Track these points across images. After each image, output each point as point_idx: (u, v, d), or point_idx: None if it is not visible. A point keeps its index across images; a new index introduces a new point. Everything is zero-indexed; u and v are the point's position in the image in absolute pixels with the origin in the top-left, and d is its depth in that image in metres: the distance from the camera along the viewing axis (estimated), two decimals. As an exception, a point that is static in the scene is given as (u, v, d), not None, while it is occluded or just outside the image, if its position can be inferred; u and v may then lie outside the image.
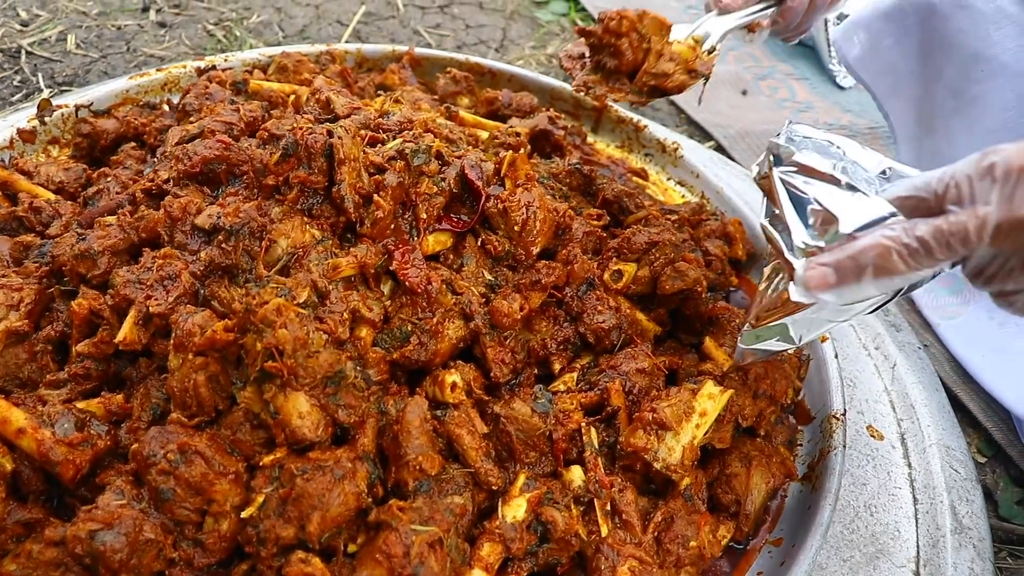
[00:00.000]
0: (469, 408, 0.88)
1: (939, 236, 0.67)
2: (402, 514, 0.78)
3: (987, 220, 0.65)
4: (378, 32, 1.87)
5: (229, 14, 1.85)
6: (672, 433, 0.88)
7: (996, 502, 1.19)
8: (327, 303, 0.89)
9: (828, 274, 0.71)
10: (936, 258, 0.68)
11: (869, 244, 0.69)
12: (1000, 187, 0.65)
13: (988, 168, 0.66)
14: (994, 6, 1.26)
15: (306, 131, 0.95)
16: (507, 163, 1.00)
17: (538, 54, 1.87)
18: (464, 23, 1.96)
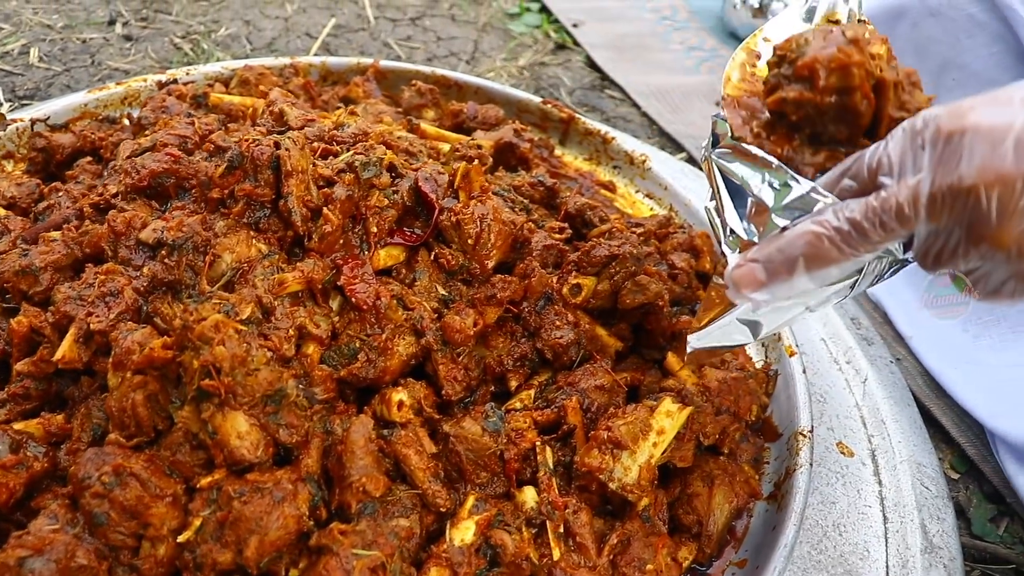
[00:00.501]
0: (417, 427, 0.86)
1: (871, 215, 0.62)
2: (343, 538, 0.76)
3: (919, 190, 0.60)
4: (348, 45, 1.85)
5: (197, 27, 1.83)
6: (628, 452, 0.85)
7: (969, 519, 1.16)
8: (272, 319, 0.87)
9: (757, 271, 0.67)
10: (872, 240, 0.63)
11: (798, 234, 0.65)
12: (930, 153, 0.59)
13: (918, 134, 0.60)
14: (965, 14, 1.24)
15: (252, 143, 0.93)
16: (460, 175, 0.97)
17: (509, 66, 1.85)
18: (435, 35, 1.94)
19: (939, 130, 0.59)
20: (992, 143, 0.57)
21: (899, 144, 0.61)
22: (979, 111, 0.58)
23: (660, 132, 1.73)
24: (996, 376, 1.24)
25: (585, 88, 1.85)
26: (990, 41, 1.22)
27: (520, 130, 1.35)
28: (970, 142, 0.57)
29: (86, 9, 1.84)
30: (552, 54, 1.96)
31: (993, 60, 1.22)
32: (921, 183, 0.60)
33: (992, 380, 1.24)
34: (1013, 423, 1.16)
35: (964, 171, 0.58)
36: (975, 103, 0.59)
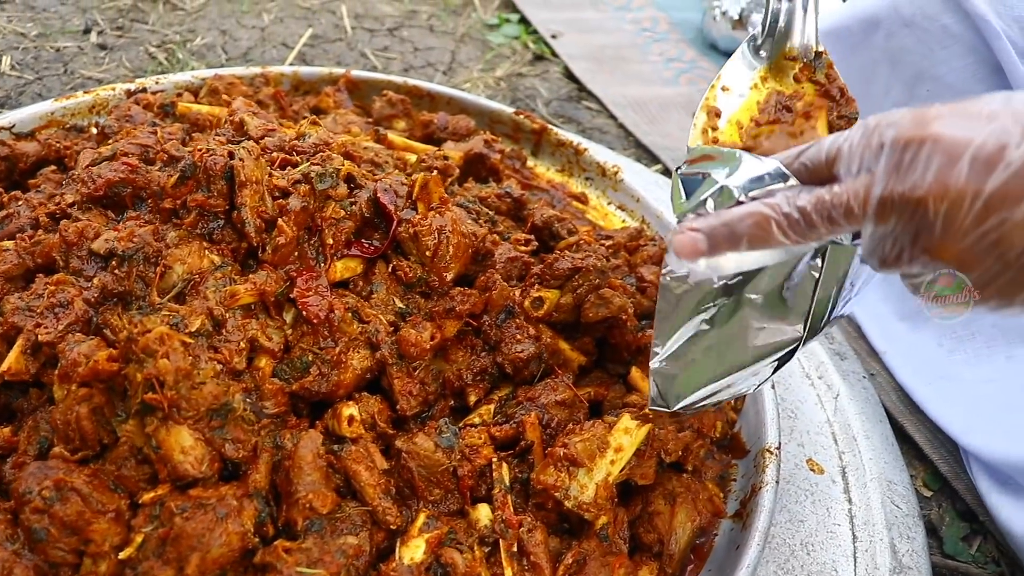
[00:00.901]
0: (369, 443, 0.84)
1: (821, 207, 0.62)
2: (288, 556, 0.74)
3: (870, 192, 0.59)
4: (324, 55, 1.83)
5: (173, 36, 1.82)
6: (584, 470, 0.84)
7: (941, 538, 1.14)
8: (223, 332, 0.85)
9: (699, 240, 0.66)
10: (819, 231, 0.63)
11: (746, 212, 0.64)
12: (887, 155, 0.58)
13: (878, 133, 0.59)
14: (939, 24, 1.23)
15: (206, 153, 0.91)
16: (419, 186, 0.96)
17: (486, 77, 1.84)
18: (413, 46, 1.93)
19: (900, 135, 0.58)
20: (950, 157, 0.55)
21: (859, 139, 0.61)
22: (943, 121, 0.56)
23: (636, 143, 1.71)
24: (970, 392, 1.23)
25: (562, 99, 1.84)
26: (964, 53, 1.21)
27: (491, 141, 1.34)
28: (928, 153, 0.56)
29: (62, 18, 1.83)
30: (530, 65, 1.95)
31: (967, 72, 1.21)
32: (873, 185, 0.59)
33: (966, 396, 1.22)
34: (986, 440, 1.15)
35: (917, 181, 0.57)
36: (942, 112, 0.57)
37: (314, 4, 2.01)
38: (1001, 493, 1.11)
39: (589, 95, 1.87)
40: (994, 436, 1.14)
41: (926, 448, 1.22)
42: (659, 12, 2.30)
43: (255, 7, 1.95)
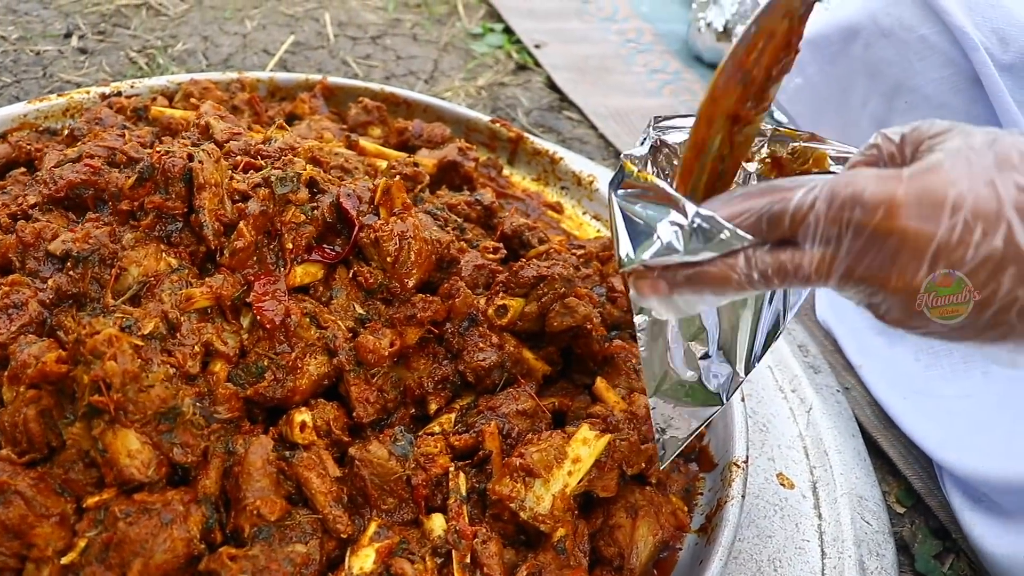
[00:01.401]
0: (321, 450, 0.82)
1: (781, 272, 0.61)
2: (232, 563, 0.72)
3: (832, 267, 0.59)
4: (306, 62, 1.82)
5: (154, 41, 1.81)
6: (541, 481, 0.82)
7: (913, 556, 1.13)
8: (178, 335, 0.84)
9: (662, 286, 0.66)
10: (775, 287, 0.63)
11: (707, 272, 0.64)
12: (852, 239, 0.58)
13: (846, 213, 0.57)
14: (916, 35, 1.22)
15: (164, 154, 0.90)
16: (381, 191, 0.95)
17: (468, 86, 1.83)
18: (395, 54, 1.92)
19: (867, 220, 0.57)
20: (913, 254, 0.56)
21: (825, 213, 0.58)
22: (910, 211, 0.55)
23: (616, 154, 1.70)
24: (945, 407, 1.21)
25: (543, 109, 1.83)
26: (942, 64, 1.20)
27: (465, 149, 1.33)
28: (894, 248, 0.56)
29: (43, 22, 1.82)
30: (512, 75, 1.94)
31: (945, 84, 1.20)
32: (836, 261, 0.59)
33: (941, 411, 1.21)
34: (961, 455, 1.13)
35: (879, 271, 0.57)
36: (909, 196, 0.56)
37: (298, 11, 2.01)
38: (974, 510, 1.10)
39: (571, 105, 1.86)
40: (968, 452, 1.13)
41: (900, 464, 1.21)
42: (645, 23, 2.30)
43: (238, 14, 1.94)
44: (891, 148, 0.63)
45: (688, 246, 0.63)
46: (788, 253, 0.61)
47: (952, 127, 0.60)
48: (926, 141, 0.60)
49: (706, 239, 0.62)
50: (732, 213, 0.62)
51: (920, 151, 0.60)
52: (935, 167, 0.56)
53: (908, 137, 0.62)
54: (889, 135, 0.63)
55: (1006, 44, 1.16)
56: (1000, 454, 1.09)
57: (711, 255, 0.63)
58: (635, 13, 2.36)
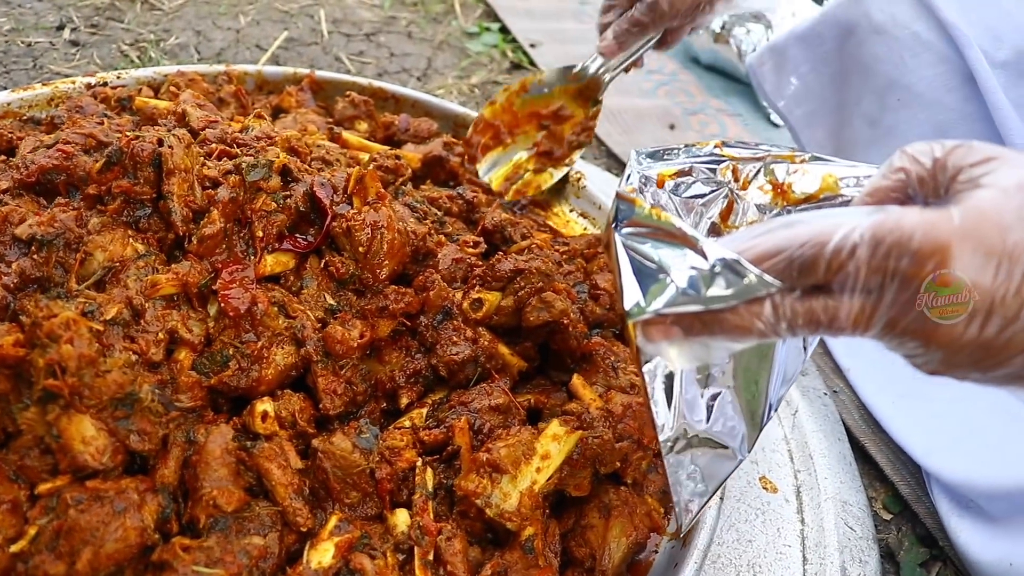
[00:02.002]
0: (284, 441, 0.80)
1: (811, 322, 0.55)
2: (185, 554, 0.70)
3: (873, 319, 0.54)
4: (298, 58, 1.81)
5: (147, 35, 1.80)
6: (508, 477, 0.80)
7: (899, 563, 1.10)
8: (142, 322, 0.82)
9: (675, 332, 0.58)
10: (802, 335, 0.58)
11: (731, 320, 0.57)
12: (899, 290, 0.53)
13: (892, 261, 0.53)
14: (909, 32, 1.20)
15: (133, 139, 0.88)
16: (354, 180, 0.93)
17: (461, 84, 1.81)
18: (389, 51, 1.90)
19: (916, 273, 0.52)
20: (971, 313, 0.52)
21: (867, 260, 0.53)
22: (961, 262, 0.51)
23: (608, 153, 1.68)
24: (936, 412, 1.19)
25: (535, 108, 1.81)
26: (935, 61, 1.18)
27: (450, 143, 1.31)
28: None
29: (36, 13, 1.81)
30: (506, 73, 1.92)
31: (937, 81, 1.18)
32: (878, 311, 0.54)
33: (931, 416, 1.19)
34: (948, 461, 1.11)
35: (927, 327, 0.53)
36: (961, 246, 0.52)
37: (292, 8, 1.99)
38: (961, 516, 1.07)
39: (564, 105, 1.84)
40: (958, 457, 1.10)
41: (887, 469, 1.18)
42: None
43: (232, 9, 1.93)
44: (921, 172, 0.59)
45: (708, 293, 0.56)
46: (821, 302, 0.55)
47: (996, 155, 0.56)
48: (966, 169, 0.56)
49: (728, 285, 0.56)
50: (758, 255, 0.56)
51: (960, 181, 0.56)
52: (987, 208, 0.52)
53: (943, 161, 0.58)
54: (918, 157, 0.59)
55: (999, 41, 1.15)
56: (990, 460, 1.07)
57: (733, 303, 0.56)
58: (634, 14, 2.34)
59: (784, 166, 0.75)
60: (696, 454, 0.75)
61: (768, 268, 0.56)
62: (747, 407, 0.75)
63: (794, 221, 0.58)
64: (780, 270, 0.55)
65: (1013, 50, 1.16)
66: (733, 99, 1.99)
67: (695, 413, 0.74)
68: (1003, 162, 0.55)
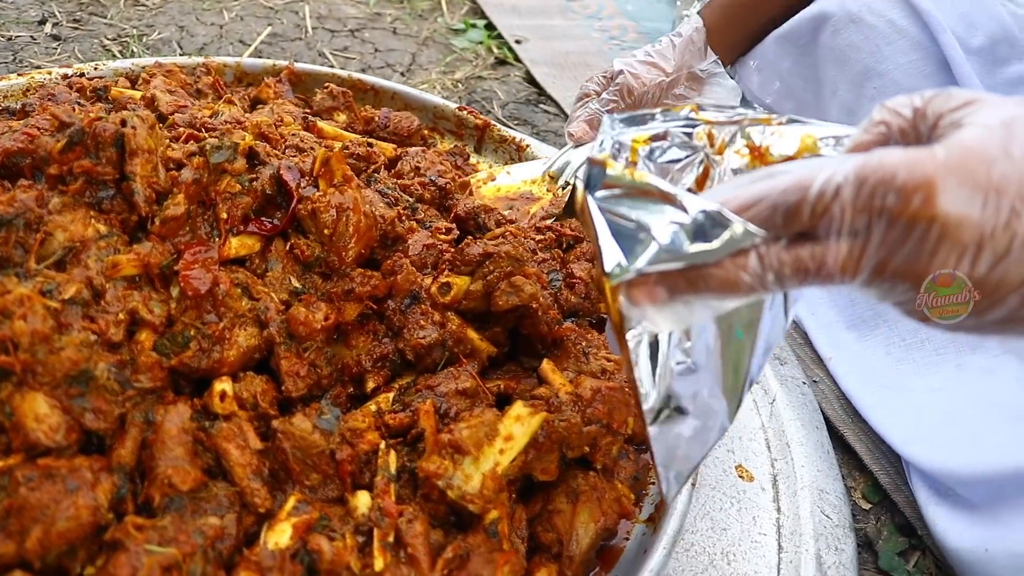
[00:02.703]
0: (243, 421, 0.79)
1: (799, 270, 0.54)
2: (138, 532, 0.69)
3: (861, 262, 0.53)
4: (282, 53, 1.81)
5: (129, 30, 1.79)
6: (471, 458, 0.79)
7: (877, 552, 1.09)
8: (102, 302, 0.81)
9: (659, 292, 0.57)
10: (794, 289, 0.56)
11: (713, 275, 0.56)
12: (885, 229, 0.51)
13: (878, 199, 0.51)
14: (885, 20, 1.20)
15: (95, 119, 0.88)
16: (320, 162, 0.92)
17: (444, 79, 1.81)
18: (374, 47, 1.90)
19: (903, 209, 0.51)
20: (956, 243, 0.51)
21: (852, 200, 0.52)
22: (948, 195, 0.50)
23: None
24: (916, 401, 1.18)
25: (519, 102, 1.80)
26: (909, 48, 1.18)
27: (427, 136, 1.31)
28: (935, 239, 0.51)
29: (18, 8, 1.81)
30: (491, 69, 1.91)
31: (912, 68, 1.18)
32: (866, 254, 0.53)
33: (911, 405, 1.18)
34: (928, 450, 1.10)
35: (916, 264, 0.52)
36: (946, 179, 0.50)
37: (277, 3, 1.99)
38: (940, 504, 1.06)
39: (548, 99, 1.84)
40: (938, 445, 1.09)
41: (867, 459, 1.17)
42: (629, 21, 2.27)
43: (216, 4, 1.93)
44: (901, 123, 0.58)
45: (691, 248, 0.55)
46: (808, 248, 0.54)
47: (976, 97, 0.55)
48: (947, 114, 0.55)
49: (712, 237, 0.55)
50: (740, 204, 0.55)
51: (942, 125, 0.55)
52: (971, 144, 0.51)
53: (922, 110, 0.57)
54: (898, 109, 0.58)
55: (973, 28, 1.14)
56: (969, 447, 1.06)
57: (719, 256, 0.55)
58: (620, 11, 2.34)
59: (760, 128, 0.73)
60: (680, 423, 0.73)
61: (751, 217, 0.55)
62: (731, 377, 0.73)
63: (775, 171, 0.57)
64: (764, 218, 0.54)
65: (987, 37, 1.16)
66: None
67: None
68: (983, 103, 0.54)
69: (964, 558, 0.98)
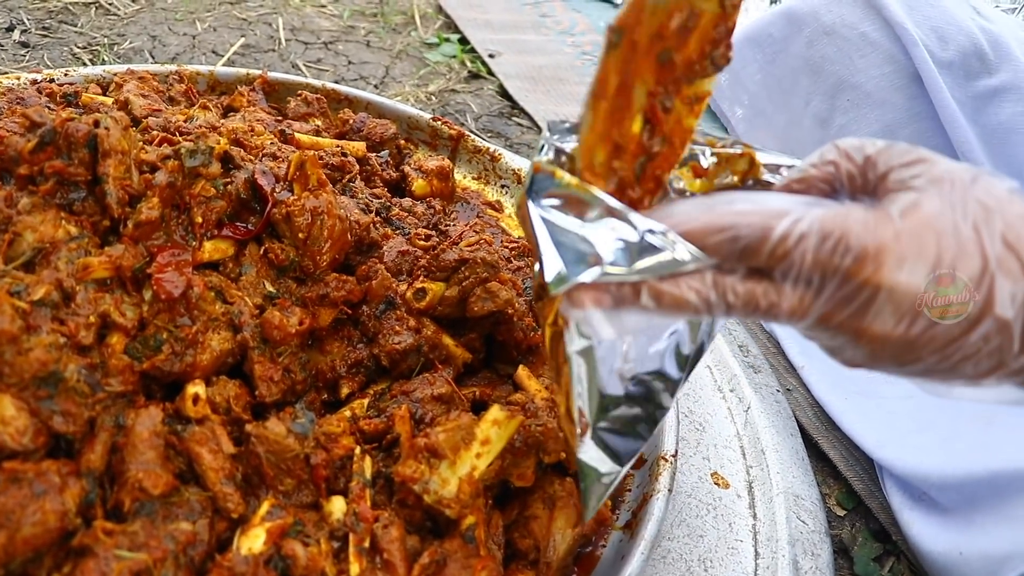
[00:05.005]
0: (216, 425, 0.78)
1: (749, 305, 0.55)
2: (107, 538, 0.68)
3: (808, 311, 0.55)
4: (255, 64, 1.80)
5: (100, 39, 1.78)
6: (447, 462, 0.78)
7: (852, 558, 1.09)
8: (72, 305, 0.80)
9: (604, 299, 0.56)
10: (734, 317, 0.57)
11: (665, 292, 0.55)
12: (837, 286, 0.53)
13: (837, 257, 0.53)
14: (857, 33, 1.22)
15: (67, 119, 0.87)
16: (294, 165, 0.91)
17: (418, 92, 1.81)
18: (347, 59, 1.90)
19: (855, 272, 0.53)
20: (897, 308, 0.53)
21: (814, 253, 0.53)
22: (899, 265, 0.52)
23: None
24: (887, 407, 1.19)
25: (492, 115, 1.81)
26: (882, 61, 1.20)
27: (403, 146, 1.30)
28: (881, 303, 0.53)
29: (-14, 16, 1.79)
30: (465, 82, 1.92)
31: (885, 81, 1.20)
32: (813, 305, 0.55)
33: (882, 411, 1.19)
34: (900, 453, 1.11)
35: (859, 324, 0.54)
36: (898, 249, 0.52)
37: (251, 15, 1.98)
38: (914, 509, 1.07)
39: (521, 112, 1.84)
40: (909, 450, 1.10)
41: (841, 465, 1.18)
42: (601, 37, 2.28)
43: (189, 15, 1.92)
44: (851, 168, 0.59)
45: (636, 265, 0.54)
46: (762, 287, 0.55)
47: (926, 156, 0.56)
48: (898, 169, 0.56)
49: (657, 257, 0.54)
50: (701, 228, 0.55)
51: (892, 180, 0.56)
52: (926, 216, 0.53)
53: (873, 159, 0.58)
54: (849, 152, 0.59)
55: (944, 42, 1.16)
56: (941, 451, 1.07)
57: (663, 273, 0.55)
58: (593, 27, 2.36)
59: (704, 149, 0.73)
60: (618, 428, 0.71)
61: (712, 244, 0.55)
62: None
63: (735, 199, 0.57)
64: (723, 248, 0.55)
65: (958, 51, 1.18)
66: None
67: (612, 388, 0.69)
68: (934, 164, 0.56)
69: (938, 561, 0.99)
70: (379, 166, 1.14)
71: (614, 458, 0.70)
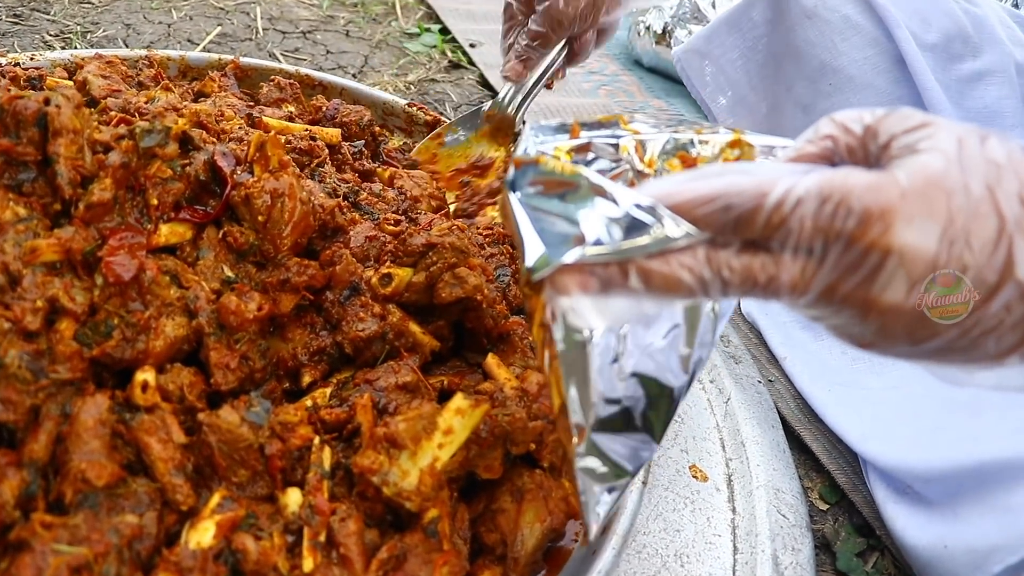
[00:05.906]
0: (166, 414, 0.74)
1: (747, 281, 0.51)
2: (46, 531, 0.64)
3: (811, 282, 0.50)
4: (231, 53, 1.76)
5: (73, 27, 1.74)
6: (408, 453, 0.75)
7: (835, 553, 1.06)
8: (19, 289, 0.77)
9: (591, 282, 0.52)
10: (732, 296, 0.53)
11: (656, 271, 0.51)
12: (841, 252, 0.49)
13: (838, 220, 0.49)
14: (840, 15, 1.19)
15: (15, 96, 0.83)
16: (254, 146, 0.88)
17: (397, 81, 1.78)
18: (326, 49, 1.86)
19: (861, 235, 0.48)
20: (909, 274, 0.49)
21: (813, 217, 0.49)
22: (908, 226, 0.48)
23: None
24: (871, 399, 1.16)
25: (472, 104, 1.78)
26: (864, 44, 1.17)
27: (377, 133, 1.27)
28: (891, 269, 0.48)
29: (-44, 3, 1.76)
30: (445, 72, 1.88)
31: (868, 64, 1.17)
32: (817, 275, 0.50)
33: (867, 403, 1.16)
34: (884, 446, 1.08)
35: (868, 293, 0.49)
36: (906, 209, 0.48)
37: (228, 4, 1.95)
38: (897, 502, 1.04)
39: (502, 102, 1.81)
40: (894, 442, 1.07)
41: (824, 458, 1.15)
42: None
43: (165, 4, 1.89)
44: (850, 141, 0.55)
45: (623, 243, 0.51)
46: (760, 260, 0.50)
47: (930, 120, 0.52)
48: (901, 136, 0.52)
49: (646, 233, 0.50)
50: (690, 199, 0.51)
51: (895, 147, 0.52)
52: (933, 174, 0.49)
53: (874, 128, 0.54)
54: (848, 125, 0.55)
55: (928, 24, 1.14)
56: (926, 443, 1.04)
57: (652, 251, 0.51)
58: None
59: (692, 137, 0.70)
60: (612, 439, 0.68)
61: (701, 215, 0.51)
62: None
63: (726, 170, 0.53)
64: (713, 219, 0.50)
65: (941, 34, 1.15)
66: (674, 100, 1.97)
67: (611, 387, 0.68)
68: (938, 127, 0.52)
69: (922, 555, 0.96)
70: (351, 156, 1.11)
71: (614, 465, 0.66)
